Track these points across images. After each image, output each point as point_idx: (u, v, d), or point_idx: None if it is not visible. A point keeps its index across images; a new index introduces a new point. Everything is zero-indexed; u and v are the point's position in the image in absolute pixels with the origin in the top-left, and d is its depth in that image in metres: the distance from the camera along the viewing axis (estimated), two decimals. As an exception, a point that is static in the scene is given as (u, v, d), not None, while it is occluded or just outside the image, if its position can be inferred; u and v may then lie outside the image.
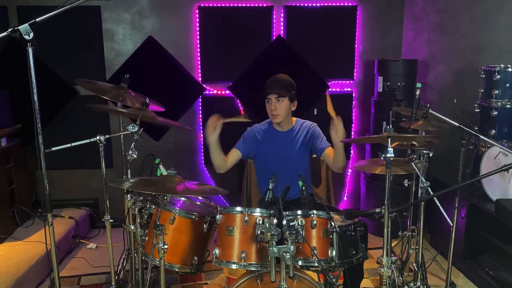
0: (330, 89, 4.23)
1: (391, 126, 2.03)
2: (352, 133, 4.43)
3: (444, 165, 3.74)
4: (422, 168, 2.54)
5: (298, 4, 4.13)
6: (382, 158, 1.88)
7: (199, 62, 4.11)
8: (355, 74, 4.34)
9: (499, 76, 2.95)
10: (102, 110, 2.50)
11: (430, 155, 2.69)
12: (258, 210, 1.96)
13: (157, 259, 1.91)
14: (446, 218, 2.57)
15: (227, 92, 4.14)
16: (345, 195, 4.53)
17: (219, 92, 4.18)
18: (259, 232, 1.88)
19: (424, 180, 2.44)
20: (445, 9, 3.86)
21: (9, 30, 1.76)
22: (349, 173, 4.51)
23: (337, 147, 2.49)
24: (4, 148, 3.43)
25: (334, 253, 1.99)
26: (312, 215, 1.95)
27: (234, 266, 1.93)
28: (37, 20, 1.79)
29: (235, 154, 2.75)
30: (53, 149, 2.17)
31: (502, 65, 2.96)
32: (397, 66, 3.85)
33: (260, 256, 1.92)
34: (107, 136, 2.38)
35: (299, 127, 2.77)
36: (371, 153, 4.11)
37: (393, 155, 1.85)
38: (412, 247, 2.88)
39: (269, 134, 2.75)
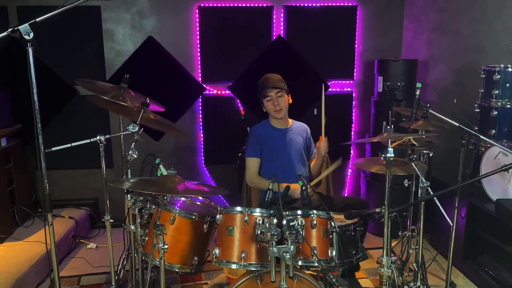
0: (330, 89, 4.23)
1: (391, 126, 2.03)
2: (352, 133, 4.43)
3: (444, 165, 3.74)
4: (421, 167, 2.54)
5: (298, 4, 4.12)
6: (382, 158, 1.88)
7: (199, 62, 4.11)
8: (355, 74, 4.34)
9: (499, 76, 2.95)
10: (102, 105, 2.52)
11: (430, 155, 2.69)
12: (258, 210, 1.96)
13: (157, 259, 1.91)
14: (446, 218, 2.57)
15: (227, 92, 4.14)
16: (345, 195, 4.53)
17: (219, 92, 4.18)
18: (259, 232, 1.88)
19: (424, 180, 2.44)
20: (445, 9, 3.86)
21: (9, 30, 1.76)
22: (349, 173, 4.51)
23: (318, 163, 2.87)
24: (4, 148, 3.42)
25: (334, 253, 1.99)
26: (312, 215, 1.95)
27: (234, 266, 1.93)
28: (37, 20, 1.79)
29: (255, 163, 2.82)
30: (53, 149, 2.17)
31: (502, 65, 2.96)
32: (397, 66, 3.85)
33: (260, 256, 1.92)
34: (107, 136, 2.38)
35: (296, 127, 2.89)
36: (371, 153, 4.11)
37: (393, 155, 1.85)
38: (412, 247, 2.88)
39: (270, 132, 2.79)
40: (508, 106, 2.96)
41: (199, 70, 4.13)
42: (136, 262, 2.58)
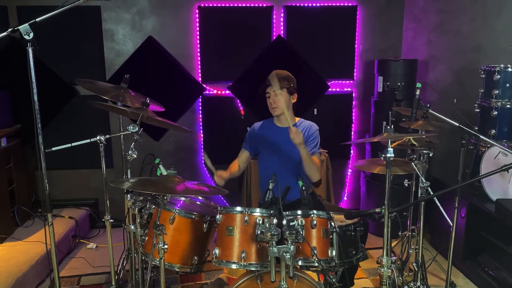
0: (330, 89, 4.23)
1: (391, 126, 2.03)
2: (352, 133, 4.43)
3: (444, 165, 3.74)
4: (421, 168, 2.54)
5: (298, 4, 4.13)
6: (382, 158, 1.88)
7: (199, 62, 4.11)
8: (355, 74, 4.33)
9: (499, 76, 2.95)
10: (102, 107, 2.52)
11: (430, 155, 2.69)
12: (258, 210, 1.96)
13: (157, 259, 1.91)
14: (446, 218, 2.57)
15: (227, 92, 4.14)
16: (345, 195, 4.53)
17: (219, 92, 4.18)
18: (259, 232, 1.88)
19: (424, 180, 2.44)
20: (445, 9, 3.86)
21: (9, 30, 1.76)
22: (349, 173, 4.51)
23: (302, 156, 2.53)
24: (4, 148, 3.43)
25: (334, 253, 1.99)
26: (312, 215, 1.95)
27: (234, 266, 1.93)
28: (37, 20, 1.79)
29: (243, 154, 2.83)
30: (53, 149, 2.17)
31: (502, 65, 2.96)
32: (397, 66, 3.85)
33: (260, 256, 1.92)
34: (107, 136, 2.38)
35: (300, 125, 2.78)
36: (371, 153, 4.11)
37: (393, 155, 1.85)
38: (412, 247, 2.88)
39: (270, 130, 2.77)
40: (508, 106, 2.96)
41: (199, 70, 4.13)
42: (136, 262, 2.58)
